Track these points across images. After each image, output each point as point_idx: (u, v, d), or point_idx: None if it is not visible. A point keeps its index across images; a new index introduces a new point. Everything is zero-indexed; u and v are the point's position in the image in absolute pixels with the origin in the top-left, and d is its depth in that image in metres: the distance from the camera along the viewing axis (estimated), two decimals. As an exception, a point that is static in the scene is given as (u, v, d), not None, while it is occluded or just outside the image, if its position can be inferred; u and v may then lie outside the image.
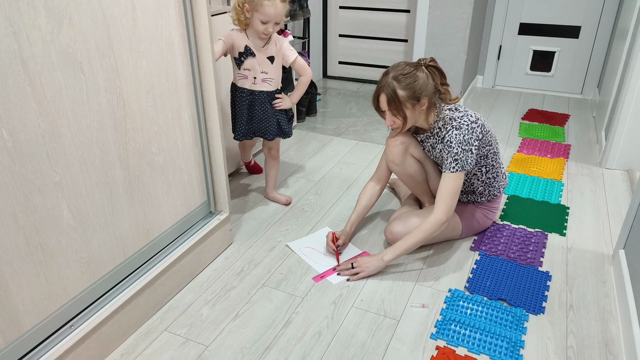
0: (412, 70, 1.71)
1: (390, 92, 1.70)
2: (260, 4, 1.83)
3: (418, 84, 1.70)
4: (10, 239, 1.16)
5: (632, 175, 2.50)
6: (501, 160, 1.97)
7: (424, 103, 1.73)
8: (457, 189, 1.75)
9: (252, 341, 1.54)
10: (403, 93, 1.70)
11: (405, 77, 1.70)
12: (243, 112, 2.05)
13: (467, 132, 1.72)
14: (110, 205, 1.43)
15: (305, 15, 3.31)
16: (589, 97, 3.85)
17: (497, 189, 1.98)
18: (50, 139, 1.21)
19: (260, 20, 1.86)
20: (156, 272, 1.61)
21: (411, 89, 1.69)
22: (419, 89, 1.70)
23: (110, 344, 1.48)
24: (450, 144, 1.73)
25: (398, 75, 1.70)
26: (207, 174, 1.85)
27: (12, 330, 1.21)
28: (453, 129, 1.73)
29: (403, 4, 3.83)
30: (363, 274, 1.80)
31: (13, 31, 1.08)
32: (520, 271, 1.84)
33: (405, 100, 1.70)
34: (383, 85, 1.73)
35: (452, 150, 1.73)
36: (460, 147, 1.72)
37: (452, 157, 1.73)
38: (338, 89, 4.10)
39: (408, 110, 1.73)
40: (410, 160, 1.94)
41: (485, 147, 1.83)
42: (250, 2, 1.85)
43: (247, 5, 1.86)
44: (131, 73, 1.41)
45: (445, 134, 1.76)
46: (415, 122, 1.81)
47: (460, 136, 1.72)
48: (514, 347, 1.50)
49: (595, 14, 3.61)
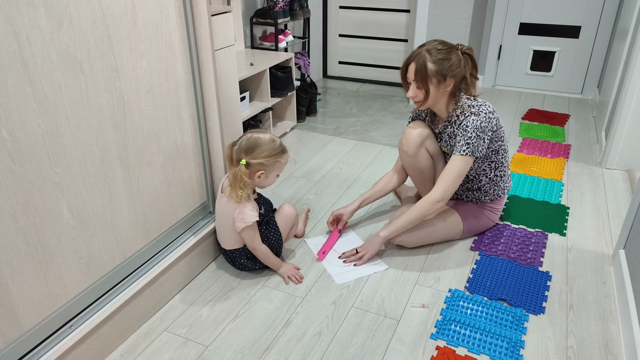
0: (447, 48, 1.73)
1: (420, 63, 1.71)
2: (279, 162, 1.68)
3: (449, 62, 1.71)
4: (10, 239, 1.16)
5: (632, 175, 2.49)
6: (509, 161, 1.97)
7: (449, 84, 1.75)
8: (461, 172, 1.76)
9: (252, 341, 1.54)
10: (432, 67, 1.71)
11: (439, 52, 1.71)
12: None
13: (484, 119, 1.74)
14: (110, 205, 1.43)
15: (305, 15, 3.31)
16: (589, 97, 3.85)
17: (502, 190, 1.98)
18: (50, 139, 1.21)
19: (277, 174, 1.72)
20: (156, 272, 1.61)
21: (441, 65, 1.71)
22: (448, 68, 1.71)
23: (110, 344, 1.48)
24: (467, 128, 1.75)
25: (432, 49, 1.72)
26: (207, 174, 1.85)
27: (12, 330, 1.21)
28: (472, 114, 1.75)
29: (403, 4, 3.83)
30: (367, 256, 1.86)
31: (13, 31, 1.08)
32: (520, 271, 1.83)
33: (432, 75, 1.72)
34: (415, 55, 1.74)
35: (467, 134, 1.74)
36: (476, 132, 1.74)
37: (464, 141, 1.75)
38: (338, 89, 4.10)
39: (432, 86, 1.74)
40: (424, 154, 1.94)
41: (497, 142, 1.85)
42: (265, 166, 1.64)
43: (264, 170, 1.65)
44: (131, 73, 1.41)
45: (463, 119, 1.77)
46: (435, 104, 1.82)
47: (477, 122, 1.74)
48: (514, 347, 1.50)
49: (595, 14, 3.61)
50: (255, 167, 1.63)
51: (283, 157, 1.69)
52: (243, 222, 1.65)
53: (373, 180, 2.52)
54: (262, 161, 1.62)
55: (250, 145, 1.62)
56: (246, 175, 1.60)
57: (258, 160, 1.62)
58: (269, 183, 1.72)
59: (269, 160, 1.64)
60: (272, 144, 1.65)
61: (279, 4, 3.03)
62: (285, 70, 2.93)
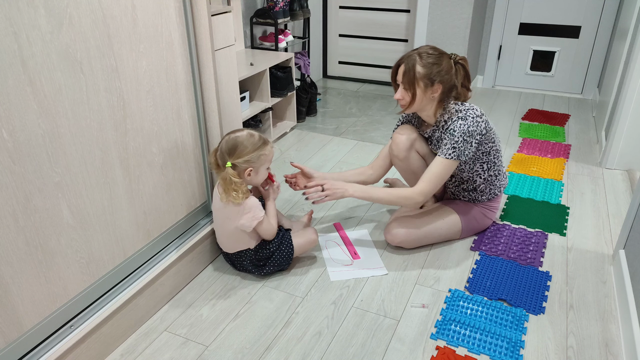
0: (438, 54, 1.74)
1: (409, 65, 1.72)
2: (264, 155, 1.64)
3: (438, 67, 1.71)
4: (10, 239, 1.16)
5: (632, 175, 2.49)
6: (502, 159, 1.97)
7: (437, 90, 1.74)
8: (444, 175, 1.77)
9: (252, 341, 1.54)
10: (421, 70, 1.71)
11: (429, 56, 1.72)
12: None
13: (472, 123, 1.74)
14: (110, 205, 1.43)
15: (305, 15, 3.31)
16: (589, 97, 3.85)
17: (498, 188, 1.98)
18: (50, 139, 1.21)
19: (267, 168, 1.70)
20: (156, 272, 1.61)
21: (429, 69, 1.71)
22: (437, 72, 1.72)
23: (110, 344, 1.48)
24: (454, 132, 1.74)
25: (422, 53, 1.73)
26: (207, 174, 1.85)
27: (12, 330, 1.21)
28: (459, 119, 1.75)
29: (403, 4, 3.83)
30: (328, 198, 1.77)
31: (13, 31, 1.08)
32: (520, 271, 1.83)
33: (420, 78, 1.72)
34: (406, 57, 1.75)
35: (454, 138, 1.74)
36: (463, 136, 1.73)
37: (451, 144, 1.74)
38: (338, 88, 4.10)
39: (419, 90, 1.74)
40: (415, 156, 1.94)
41: (488, 144, 1.84)
42: (252, 162, 1.62)
43: (251, 167, 1.63)
44: (131, 73, 1.41)
45: (450, 124, 1.77)
46: (422, 109, 1.82)
47: (464, 126, 1.73)
48: (514, 347, 1.50)
49: (595, 14, 3.61)
50: (242, 167, 1.62)
51: (266, 149, 1.65)
52: (254, 219, 1.65)
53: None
54: (247, 158, 1.61)
55: (230, 146, 1.61)
56: (235, 177, 1.59)
57: (243, 158, 1.60)
58: (261, 178, 1.70)
59: (253, 156, 1.62)
60: (251, 138, 1.63)
61: (279, 4, 3.03)
62: (285, 70, 2.93)
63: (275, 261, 1.77)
